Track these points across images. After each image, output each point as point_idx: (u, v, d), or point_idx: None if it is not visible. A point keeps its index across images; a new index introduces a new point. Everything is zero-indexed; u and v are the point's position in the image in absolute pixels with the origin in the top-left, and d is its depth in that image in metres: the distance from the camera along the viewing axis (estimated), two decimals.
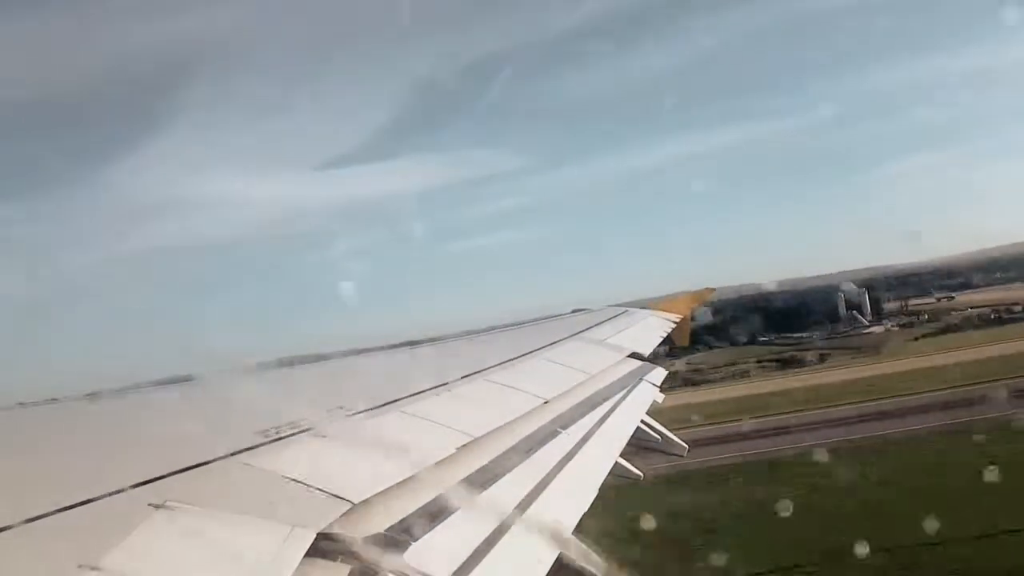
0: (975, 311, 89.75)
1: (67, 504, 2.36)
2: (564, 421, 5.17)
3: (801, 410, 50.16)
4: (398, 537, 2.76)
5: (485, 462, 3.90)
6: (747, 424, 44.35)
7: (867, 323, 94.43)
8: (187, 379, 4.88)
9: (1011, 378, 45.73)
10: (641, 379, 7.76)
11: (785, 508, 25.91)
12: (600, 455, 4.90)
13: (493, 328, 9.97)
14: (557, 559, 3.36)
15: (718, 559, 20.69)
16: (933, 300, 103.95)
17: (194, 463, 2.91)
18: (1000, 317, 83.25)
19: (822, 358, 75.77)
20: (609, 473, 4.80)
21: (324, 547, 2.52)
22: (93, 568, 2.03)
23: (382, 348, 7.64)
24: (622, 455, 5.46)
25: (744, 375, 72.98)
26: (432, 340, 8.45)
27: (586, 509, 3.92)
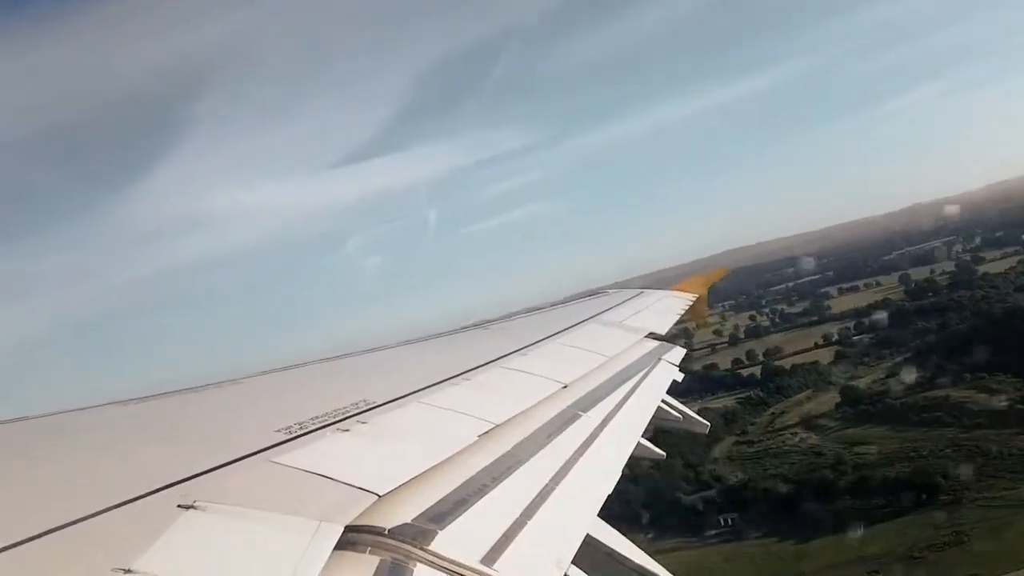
0: None
1: (98, 509, 2.39)
2: (584, 404, 5.17)
3: None
4: (425, 526, 2.77)
5: (507, 448, 3.91)
6: None
7: None
8: (210, 382, 4.92)
9: None
10: (660, 359, 7.75)
11: None
12: (622, 437, 4.90)
13: (511, 314, 9.98)
14: (584, 540, 3.37)
15: None
16: None
17: (220, 463, 2.94)
18: None
19: None
20: (632, 454, 4.80)
21: (352, 539, 2.54)
22: (127, 571, 2.06)
23: (400, 343, 7.66)
24: (644, 435, 5.46)
25: None
26: (450, 332, 8.46)
27: (611, 491, 3.92)
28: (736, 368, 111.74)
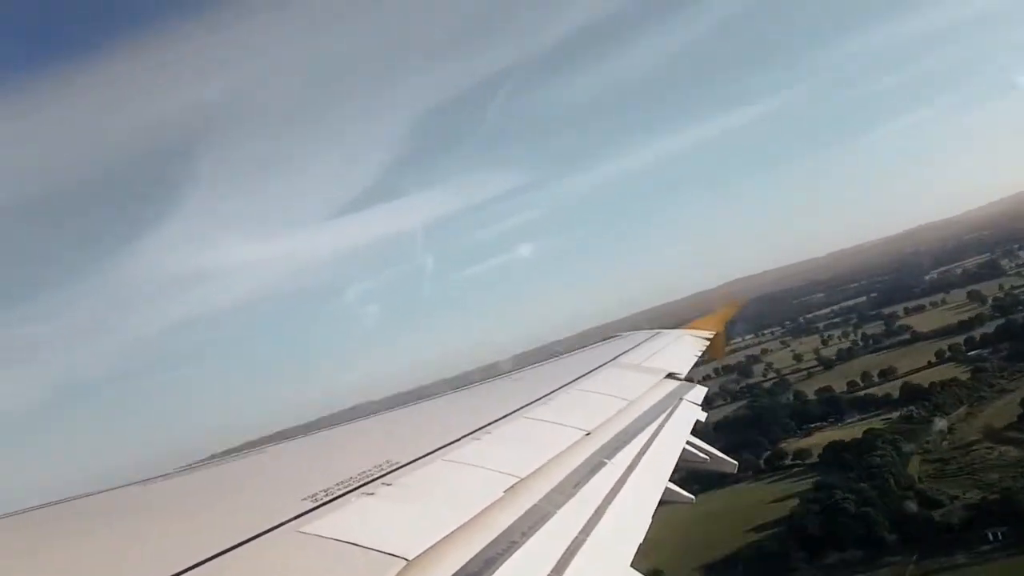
0: None
1: None
2: (609, 451, 5.12)
3: None
4: None
5: (535, 501, 3.87)
6: None
7: None
8: (229, 452, 4.91)
9: None
10: (681, 399, 7.67)
11: None
12: (649, 482, 4.84)
13: (524, 360, 9.95)
14: None
15: None
16: None
17: (248, 536, 2.92)
18: None
19: None
20: (660, 499, 4.73)
21: None
22: None
23: (419, 400, 7.65)
24: (671, 479, 5.38)
25: None
26: (465, 385, 8.44)
27: (642, 539, 3.86)
28: (854, 391, 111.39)
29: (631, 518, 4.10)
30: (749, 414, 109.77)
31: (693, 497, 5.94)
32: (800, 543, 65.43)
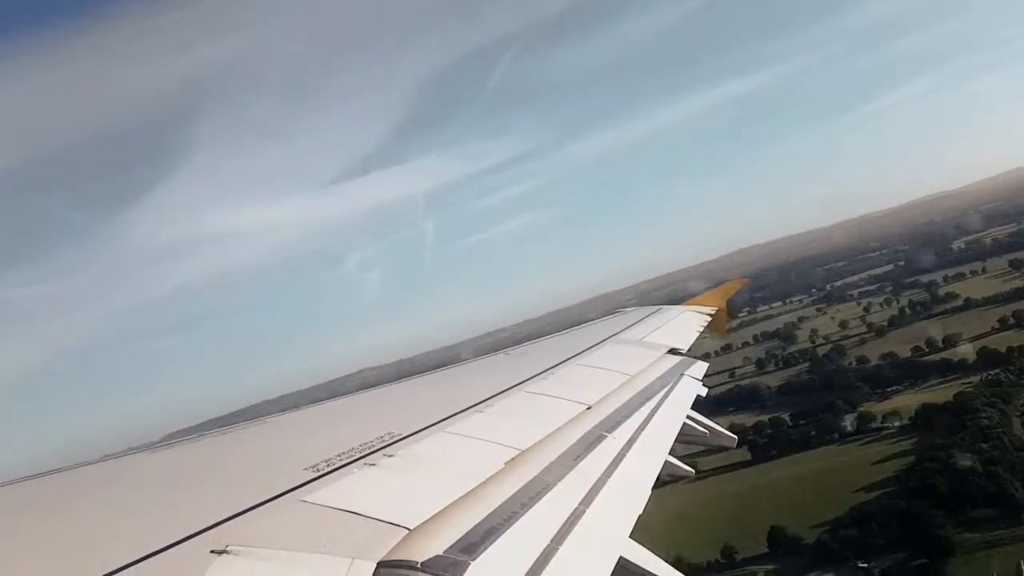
0: None
1: (132, 559, 2.41)
2: (609, 425, 5.15)
3: None
4: (457, 558, 2.76)
5: (535, 473, 3.90)
6: None
7: None
8: (228, 420, 4.94)
9: None
10: (682, 374, 7.69)
11: None
12: (649, 455, 4.87)
13: (525, 321, 9.97)
14: (618, 563, 3.34)
15: None
16: None
17: (251, 505, 2.95)
18: None
19: None
20: (660, 472, 4.76)
21: (385, 575, 2.54)
22: None
23: (421, 373, 7.68)
24: (671, 453, 5.42)
25: None
26: (470, 359, 8.47)
27: (640, 511, 3.89)
28: (921, 355, 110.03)
29: (630, 491, 4.13)
30: (813, 379, 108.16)
31: (693, 471, 5.98)
32: (931, 501, 64.14)
